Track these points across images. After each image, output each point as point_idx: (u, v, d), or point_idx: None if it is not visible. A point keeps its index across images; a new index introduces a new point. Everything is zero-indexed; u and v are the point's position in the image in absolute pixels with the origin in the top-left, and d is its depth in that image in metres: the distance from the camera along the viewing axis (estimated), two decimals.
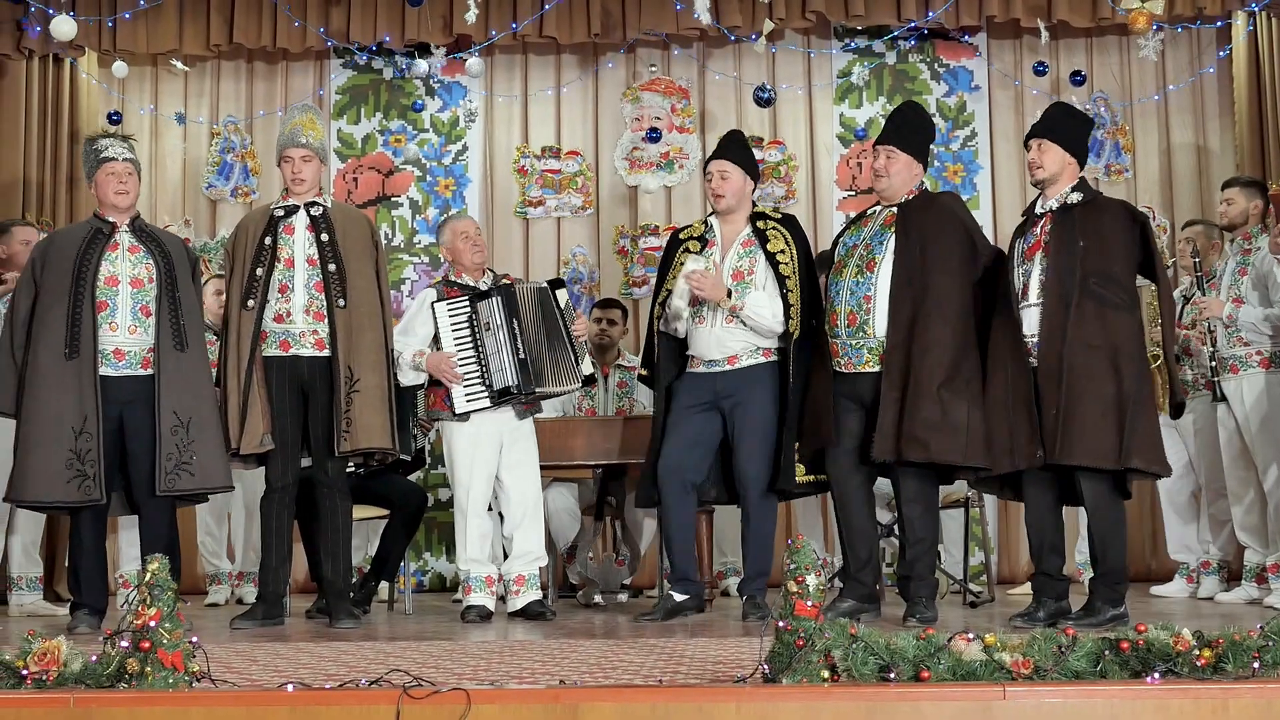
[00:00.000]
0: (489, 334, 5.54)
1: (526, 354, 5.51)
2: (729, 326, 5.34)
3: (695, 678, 3.32)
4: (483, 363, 5.54)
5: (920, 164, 5.27)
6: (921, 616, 4.95)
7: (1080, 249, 4.80)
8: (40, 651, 3.04)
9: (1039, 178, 5.01)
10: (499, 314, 5.56)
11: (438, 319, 5.60)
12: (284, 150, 5.42)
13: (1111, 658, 3.01)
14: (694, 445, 5.38)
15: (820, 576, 3.06)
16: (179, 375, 5.17)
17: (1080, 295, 4.76)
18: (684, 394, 5.43)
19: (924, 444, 4.84)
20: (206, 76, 8.27)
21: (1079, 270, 4.77)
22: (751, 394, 5.32)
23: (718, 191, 5.45)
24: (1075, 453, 4.70)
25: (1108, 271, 4.78)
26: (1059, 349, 4.75)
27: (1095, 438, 4.68)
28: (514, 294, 5.59)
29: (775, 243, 5.41)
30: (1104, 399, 4.70)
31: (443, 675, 3.34)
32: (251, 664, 3.75)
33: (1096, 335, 4.74)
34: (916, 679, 2.96)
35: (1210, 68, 7.92)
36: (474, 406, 5.52)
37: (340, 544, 5.35)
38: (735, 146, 5.59)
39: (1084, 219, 4.87)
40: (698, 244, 5.48)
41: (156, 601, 3.04)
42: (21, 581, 6.42)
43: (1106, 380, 4.71)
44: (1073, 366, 4.72)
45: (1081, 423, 4.69)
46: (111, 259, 5.24)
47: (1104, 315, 4.75)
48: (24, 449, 5.14)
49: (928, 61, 8.17)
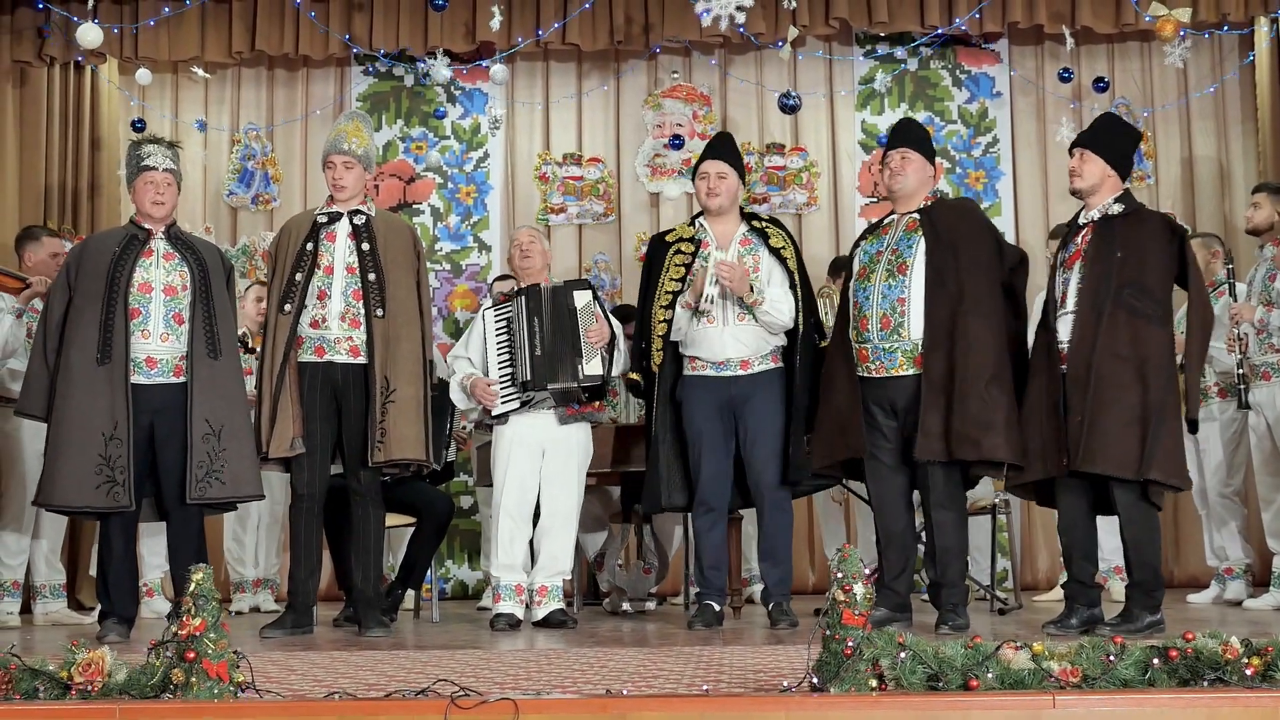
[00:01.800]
0: (516, 333, 5.59)
1: (542, 350, 5.52)
2: (741, 324, 5.34)
3: (738, 686, 3.30)
4: (513, 364, 5.59)
5: (932, 168, 5.29)
6: (954, 624, 4.93)
7: (1117, 259, 4.82)
8: (85, 662, 3.03)
9: (1076, 186, 5.03)
10: (522, 312, 5.61)
11: (485, 326, 5.69)
12: (327, 156, 5.42)
13: (1160, 666, 3.00)
14: (723, 456, 5.38)
15: (868, 585, 3.05)
16: (212, 383, 5.16)
17: (1113, 305, 4.77)
18: (695, 401, 5.40)
19: (975, 442, 4.84)
20: (227, 84, 8.29)
21: (1114, 280, 4.79)
22: (763, 398, 5.33)
23: (715, 191, 5.45)
24: (1096, 461, 4.71)
25: (1142, 283, 4.80)
26: (1088, 357, 4.77)
27: (1117, 447, 4.69)
28: (537, 292, 5.62)
29: (776, 239, 5.44)
30: (1128, 409, 4.71)
31: (483, 684, 3.33)
32: (290, 673, 3.74)
33: (1126, 345, 4.75)
34: (965, 688, 2.95)
35: (1233, 73, 7.90)
36: (507, 407, 5.55)
37: (371, 553, 5.33)
38: (729, 148, 5.61)
39: (1124, 230, 4.89)
40: (690, 245, 5.47)
41: (201, 612, 3.02)
42: (45, 589, 6.41)
43: (1132, 390, 4.72)
44: (1100, 375, 4.74)
45: (1104, 432, 4.70)
46: (146, 265, 5.24)
47: (1135, 326, 4.77)
48: (53, 453, 5.13)
49: (949, 68, 8.16)
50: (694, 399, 5.40)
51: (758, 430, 5.31)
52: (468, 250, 8.20)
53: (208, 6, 7.58)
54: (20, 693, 3.04)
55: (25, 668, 3.05)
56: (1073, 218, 5.16)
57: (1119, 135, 5.12)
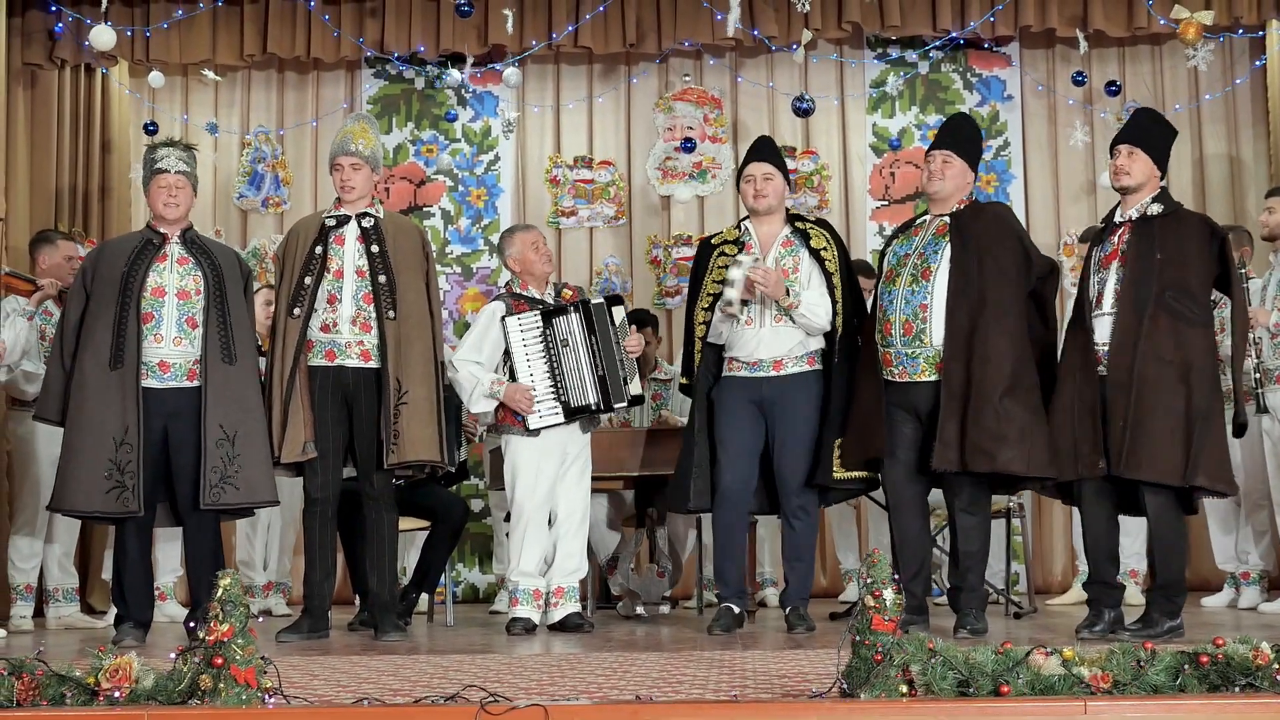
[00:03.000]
0: (566, 351, 5.50)
1: (605, 370, 5.49)
2: (778, 325, 5.31)
3: (763, 691, 3.29)
4: (559, 380, 5.50)
5: (973, 173, 5.26)
6: (972, 628, 4.92)
7: (1157, 261, 4.78)
8: (113, 668, 3.02)
9: (1125, 184, 4.96)
10: (578, 331, 5.52)
11: (508, 335, 5.55)
12: (334, 158, 5.41)
13: (1191, 672, 2.99)
14: (749, 458, 5.34)
15: (899, 592, 3.04)
16: (226, 388, 5.15)
17: (1154, 307, 4.73)
18: (728, 400, 5.38)
19: (990, 454, 4.81)
20: (237, 86, 8.27)
21: (1155, 282, 4.75)
22: (795, 400, 5.30)
23: (763, 193, 5.41)
24: (1141, 468, 4.69)
25: (1184, 285, 4.76)
26: (1129, 361, 4.73)
27: (1162, 454, 4.66)
28: (591, 310, 5.54)
29: (818, 240, 5.40)
30: (1173, 414, 4.68)
31: (508, 690, 3.31)
32: (312, 679, 3.73)
33: (1169, 349, 4.71)
34: (996, 694, 2.94)
35: (1244, 78, 7.89)
36: (548, 423, 5.48)
37: (386, 557, 5.32)
38: (773, 150, 5.60)
39: (1163, 230, 4.85)
40: (734, 248, 5.46)
41: (229, 617, 3.01)
42: (58, 593, 6.40)
43: (1177, 395, 4.69)
44: (1144, 379, 4.70)
45: (1149, 438, 4.67)
46: (159, 270, 5.23)
47: (1177, 329, 4.73)
48: (66, 457, 5.16)
49: (960, 71, 8.15)
50: (727, 399, 5.38)
51: (787, 432, 5.29)
52: (478, 253, 8.18)
53: (219, 9, 7.55)
54: (47, 699, 3.03)
55: (52, 673, 3.04)
56: (1107, 216, 5.12)
57: (1161, 131, 5.09)
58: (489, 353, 5.58)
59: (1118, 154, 4.99)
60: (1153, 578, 4.89)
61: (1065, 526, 7.76)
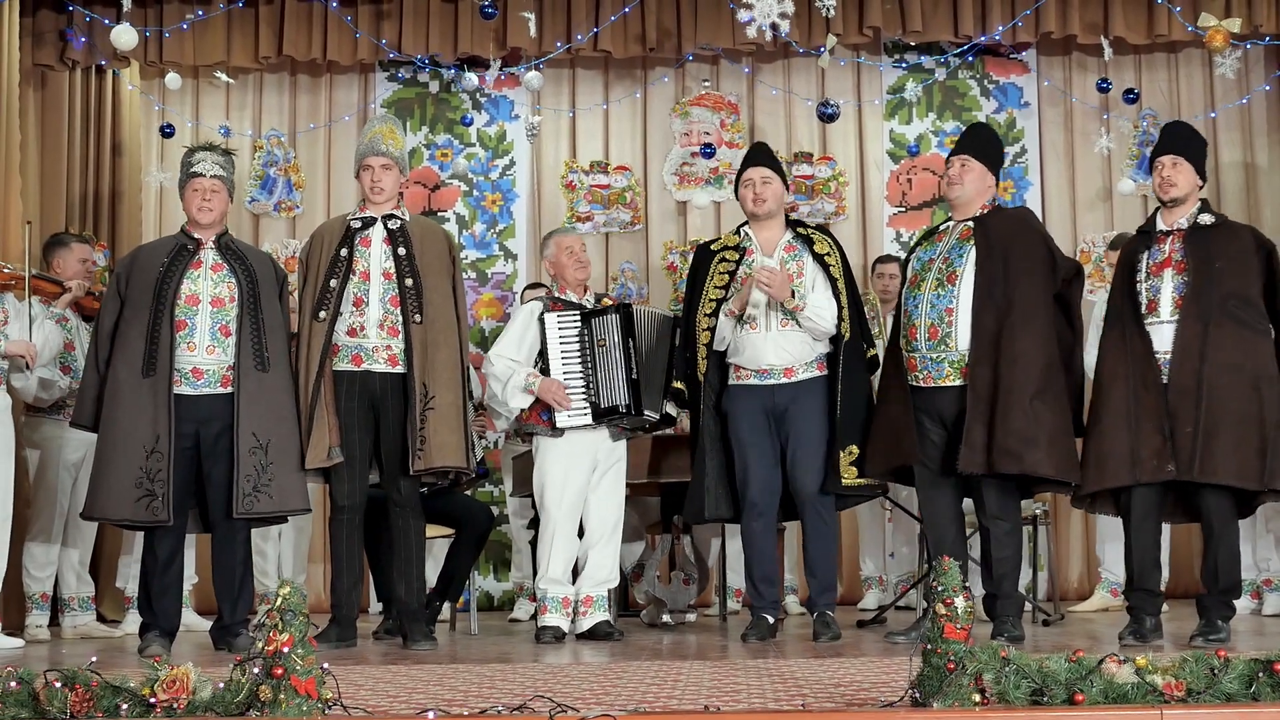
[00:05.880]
0: (603, 351, 5.47)
1: (639, 375, 5.44)
2: (784, 330, 5.28)
3: (824, 701, 3.24)
4: (590, 379, 5.47)
5: (993, 177, 5.24)
6: (1010, 635, 4.89)
7: (1217, 270, 4.82)
8: (169, 679, 2.96)
9: (1173, 195, 4.99)
10: (615, 332, 5.49)
11: (546, 332, 5.53)
12: (363, 159, 5.34)
13: (1265, 679, 2.96)
14: (771, 466, 5.32)
15: (969, 599, 3.00)
16: (260, 396, 5.08)
17: (1219, 315, 4.79)
18: (739, 409, 5.34)
19: (1017, 456, 4.81)
20: (249, 89, 8.19)
21: (1215, 291, 4.80)
22: (806, 407, 5.28)
23: (761, 197, 5.40)
24: (1219, 472, 4.72)
25: (1245, 294, 4.83)
26: (1196, 367, 4.76)
27: (1240, 458, 4.71)
28: (631, 314, 5.51)
29: (821, 245, 5.40)
30: (1247, 420, 4.74)
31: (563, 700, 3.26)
32: (358, 689, 3.67)
33: (1237, 356, 4.77)
34: (1070, 702, 2.91)
35: (1266, 85, 7.87)
36: (575, 422, 5.46)
37: (414, 565, 5.26)
38: (769, 155, 5.58)
39: (1217, 241, 4.90)
40: (735, 254, 5.43)
41: (289, 627, 2.95)
42: (74, 602, 6.32)
43: (1250, 402, 4.75)
44: (1214, 386, 4.74)
45: (1226, 443, 4.71)
46: (193, 277, 5.16)
47: (1242, 337, 4.79)
48: (99, 465, 5.11)
49: (977, 78, 8.13)
50: (739, 408, 5.34)
51: (800, 438, 5.26)
52: (493, 259, 8.13)
53: (234, 11, 7.47)
54: (102, 710, 2.96)
55: (107, 684, 2.98)
56: (1147, 224, 5.13)
57: (1199, 143, 5.15)
58: (527, 350, 5.56)
59: (1162, 165, 5.03)
60: (1204, 582, 4.86)
61: (1082, 534, 7.74)
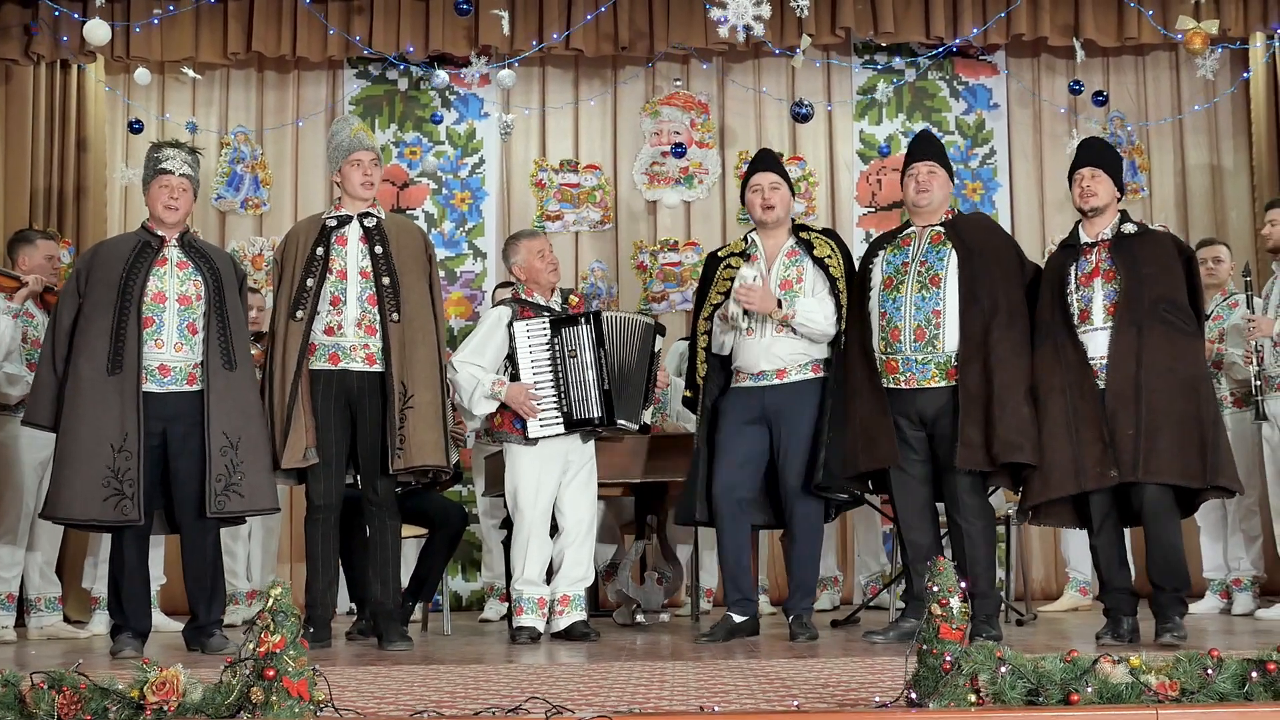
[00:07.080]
0: (573, 361, 5.41)
1: (611, 385, 5.40)
2: (778, 335, 5.28)
3: (816, 701, 3.24)
4: (561, 389, 5.42)
5: (951, 182, 5.36)
6: (988, 635, 4.91)
7: (1145, 276, 4.91)
8: (159, 681, 2.90)
9: (1092, 205, 5.08)
10: (587, 342, 5.42)
11: (515, 340, 5.46)
12: (352, 154, 5.28)
13: (1258, 679, 2.97)
14: (745, 464, 5.31)
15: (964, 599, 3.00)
16: (229, 394, 5.01)
17: (1150, 320, 4.86)
18: (731, 411, 5.35)
19: (1019, 447, 4.87)
20: (216, 85, 8.10)
21: (1145, 297, 4.88)
22: (799, 409, 5.27)
23: (770, 202, 5.40)
24: (1163, 472, 4.78)
25: (1174, 298, 4.91)
26: (1133, 372, 4.83)
27: (1183, 458, 4.78)
28: (602, 322, 5.45)
29: (821, 248, 5.40)
30: (1186, 421, 4.80)
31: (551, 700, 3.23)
32: (341, 690, 3.61)
33: (1172, 360, 4.84)
34: (1065, 702, 2.91)
35: (1233, 88, 7.96)
36: (548, 433, 5.40)
37: (390, 565, 5.22)
38: (776, 161, 5.61)
39: (1142, 248, 5.00)
40: (740, 260, 5.43)
41: (280, 628, 2.91)
42: (40, 603, 6.23)
43: (1188, 402, 4.82)
44: (1152, 389, 4.80)
45: (1168, 443, 4.78)
46: (159, 274, 5.07)
47: (1175, 340, 4.87)
48: (61, 464, 4.96)
49: (947, 79, 8.17)
50: (730, 410, 5.35)
51: (789, 440, 5.27)
52: (462, 257, 8.08)
53: (203, 6, 7.38)
54: (90, 713, 2.90)
55: (95, 686, 2.92)
56: (1070, 237, 5.19)
57: (1115, 156, 5.26)
58: (491, 357, 5.48)
59: (1081, 177, 5.12)
60: (1153, 581, 4.91)
61: (1043, 534, 7.78)
